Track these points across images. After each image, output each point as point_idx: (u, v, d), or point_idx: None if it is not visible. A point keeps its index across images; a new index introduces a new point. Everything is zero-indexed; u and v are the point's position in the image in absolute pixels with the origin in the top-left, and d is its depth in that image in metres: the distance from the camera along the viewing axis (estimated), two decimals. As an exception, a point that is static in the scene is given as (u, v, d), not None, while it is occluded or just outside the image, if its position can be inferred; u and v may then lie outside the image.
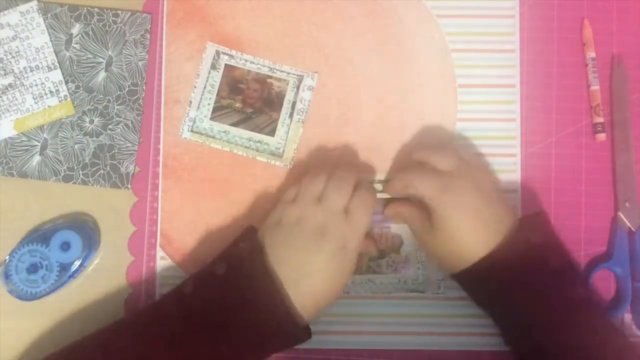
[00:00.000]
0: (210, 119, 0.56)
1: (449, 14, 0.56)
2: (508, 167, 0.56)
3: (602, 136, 0.55)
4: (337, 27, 0.57)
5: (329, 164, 0.54)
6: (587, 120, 0.56)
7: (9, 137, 0.56)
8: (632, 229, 0.55)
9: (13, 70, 0.56)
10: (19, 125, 0.56)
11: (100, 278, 0.55)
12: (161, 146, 0.56)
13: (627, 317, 0.55)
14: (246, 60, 0.56)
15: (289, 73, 0.56)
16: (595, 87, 0.56)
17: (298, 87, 0.56)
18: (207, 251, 0.54)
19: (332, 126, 0.56)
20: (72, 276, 0.54)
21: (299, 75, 0.56)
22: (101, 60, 0.56)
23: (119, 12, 0.56)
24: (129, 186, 0.56)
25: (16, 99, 0.56)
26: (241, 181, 0.56)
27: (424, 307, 0.55)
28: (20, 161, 0.56)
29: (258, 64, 0.56)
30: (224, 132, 0.56)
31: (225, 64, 0.56)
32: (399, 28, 0.56)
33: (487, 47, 0.56)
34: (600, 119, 0.55)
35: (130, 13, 0.56)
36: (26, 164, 0.56)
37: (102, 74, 0.56)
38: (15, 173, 0.56)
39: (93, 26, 0.56)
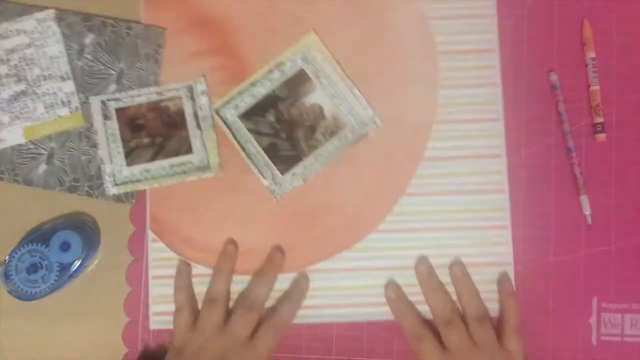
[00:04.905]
0: (127, 165, 0.56)
1: (440, 15, 0.56)
2: (494, 167, 0.56)
3: (602, 136, 0.56)
4: (321, 6, 0.56)
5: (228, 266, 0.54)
6: (587, 120, 0.56)
7: (17, 144, 0.56)
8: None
9: (26, 77, 0.56)
10: (29, 133, 0.56)
11: (100, 278, 0.55)
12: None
13: None
14: (132, 96, 0.56)
15: (177, 89, 0.56)
16: (595, 87, 0.56)
17: (192, 97, 0.56)
18: (195, 231, 0.55)
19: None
20: (72, 276, 0.54)
21: (188, 86, 0.56)
22: (112, 72, 0.56)
23: (133, 24, 0.57)
24: (133, 201, 0.56)
25: (27, 107, 0.56)
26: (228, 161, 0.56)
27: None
28: (27, 168, 0.56)
29: (143, 94, 0.56)
30: (146, 170, 0.56)
31: (115, 109, 0.56)
32: (386, 23, 0.56)
33: (474, 47, 0.56)
34: (600, 119, 0.55)
35: (144, 26, 0.56)
36: (32, 171, 0.56)
37: (113, 86, 0.56)
38: (20, 180, 0.55)
39: (106, 37, 0.56)
